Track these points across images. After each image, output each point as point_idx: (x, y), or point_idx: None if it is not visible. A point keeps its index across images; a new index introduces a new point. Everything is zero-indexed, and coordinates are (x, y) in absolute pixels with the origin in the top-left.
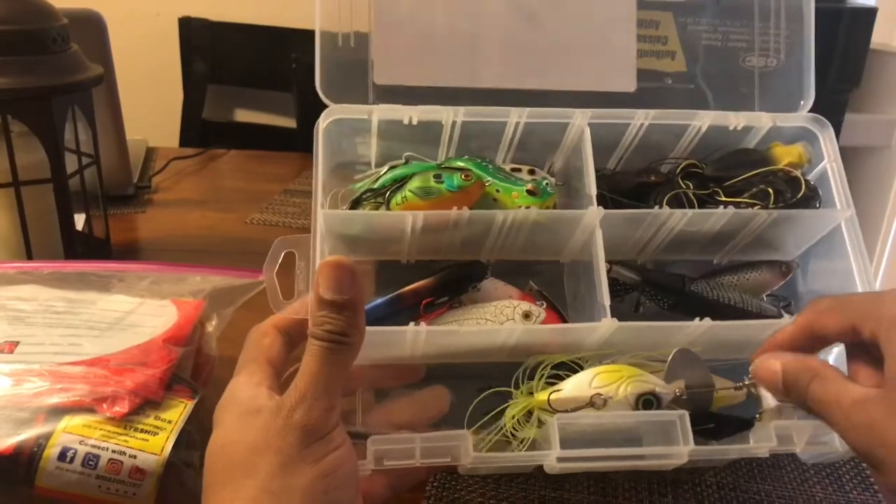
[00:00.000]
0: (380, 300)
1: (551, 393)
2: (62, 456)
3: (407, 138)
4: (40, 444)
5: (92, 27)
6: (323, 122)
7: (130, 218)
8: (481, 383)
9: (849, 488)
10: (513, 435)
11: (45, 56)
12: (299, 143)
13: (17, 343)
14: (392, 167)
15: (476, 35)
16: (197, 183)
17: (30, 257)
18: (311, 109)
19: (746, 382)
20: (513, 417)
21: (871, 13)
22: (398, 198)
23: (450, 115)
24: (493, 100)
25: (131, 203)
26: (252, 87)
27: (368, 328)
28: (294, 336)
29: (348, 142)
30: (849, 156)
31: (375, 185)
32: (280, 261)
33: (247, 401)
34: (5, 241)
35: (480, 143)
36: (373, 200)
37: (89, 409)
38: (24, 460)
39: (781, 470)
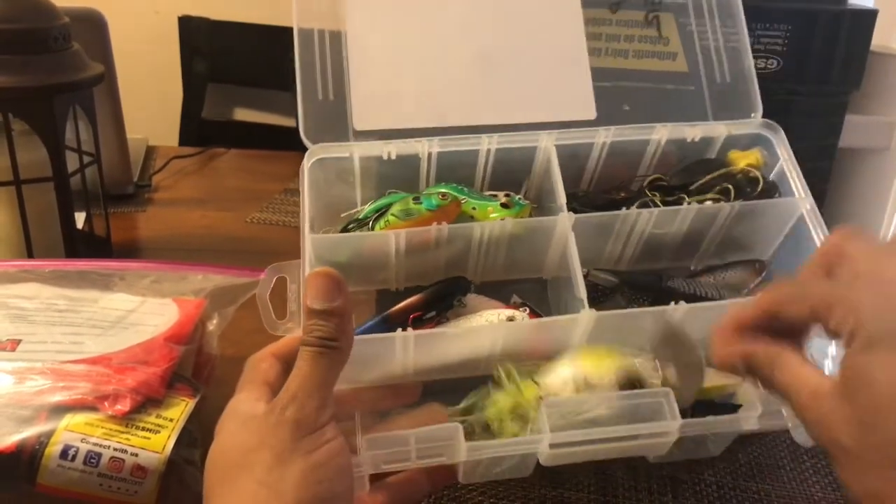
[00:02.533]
0: (370, 322)
1: (538, 376)
2: (64, 454)
3: (388, 177)
4: (42, 441)
5: (93, 26)
6: (307, 163)
7: (131, 217)
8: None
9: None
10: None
11: (47, 55)
12: (299, 142)
13: (20, 341)
14: (375, 200)
15: (444, 80)
16: (197, 182)
17: (31, 255)
18: None
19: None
20: (499, 413)
21: (871, 15)
22: (381, 223)
23: (425, 147)
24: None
25: (131, 202)
26: (252, 85)
27: (358, 337)
28: (291, 362)
29: (333, 185)
30: (849, 157)
31: (360, 217)
32: (272, 285)
33: (244, 412)
34: (6, 240)
35: (457, 175)
36: (358, 230)
37: (91, 408)
38: (26, 458)
39: (780, 469)
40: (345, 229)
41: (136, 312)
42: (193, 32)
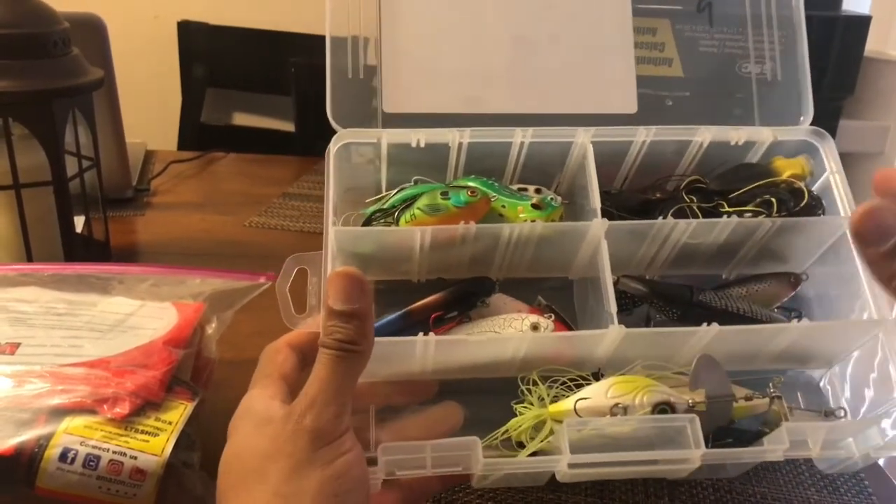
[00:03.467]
0: (390, 316)
1: (577, 401)
2: (63, 457)
3: (415, 164)
4: (41, 444)
5: (92, 31)
6: (333, 147)
7: (130, 221)
8: (492, 398)
9: (843, 491)
10: (522, 446)
11: (47, 59)
12: (298, 146)
13: (19, 344)
14: (401, 189)
15: (480, 64)
16: (196, 186)
17: (30, 259)
18: (309, 113)
19: (771, 393)
20: (524, 428)
21: (864, 21)
22: (407, 216)
23: (456, 137)
24: (498, 125)
25: (131, 206)
26: (251, 90)
27: (379, 339)
28: (307, 354)
29: (359, 167)
30: (843, 162)
31: (385, 206)
32: (292, 277)
33: (260, 412)
34: (6, 243)
35: (487, 166)
36: (383, 220)
37: (90, 411)
38: (24, 461)
39: (777, 472)
40: (369, 218)
41: (135, 316)
42: (192, 37)
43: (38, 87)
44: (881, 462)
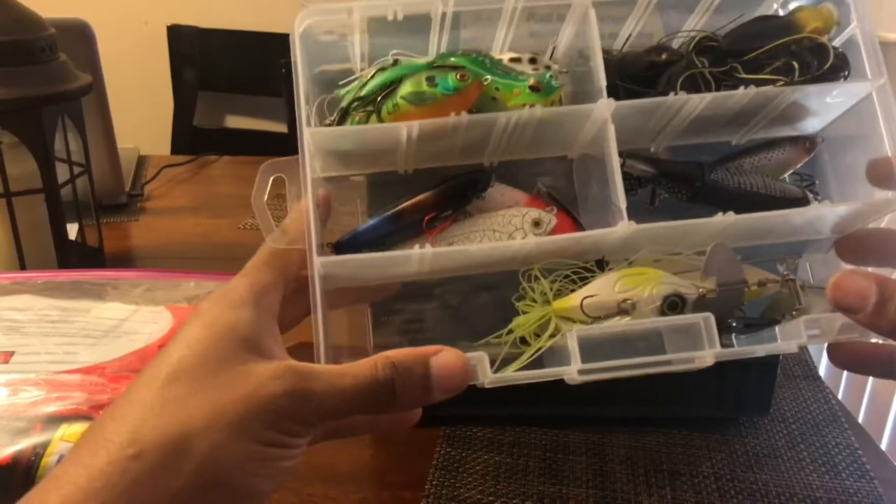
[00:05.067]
0: (379, 218)
1: (584, 298)
2: None
3: (394, 32)
4: (38, 453)
5: (80, 36)
6: (298, 28)
7: (123, 226)
8: (493, 293)
9: (845, 476)
10: (525, 343)
11: (34, 66)
12: (290, 147)
13: (13, 353)
14: (380, 69)
15: None
16: (189, 190)
17: (23, 267)
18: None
19: (785, 276)
20: (529, 327)
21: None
22: (389, 105)
23: (438, 7)
24: None
25: (124, 211)
26: (242, 92)
27: (371, 254)
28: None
29: (329, 49)
30: None
31: (363, 93)
32: (269, 187)
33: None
34: None
35: (474, 32)
36: (362, 110)
37: (86, 417)
38: (21, 470)
39: (778, 459)
40: (346, 108)
41: (130, 321)
42: (183, 41)
43: (26, 94)
44: (882, 445)
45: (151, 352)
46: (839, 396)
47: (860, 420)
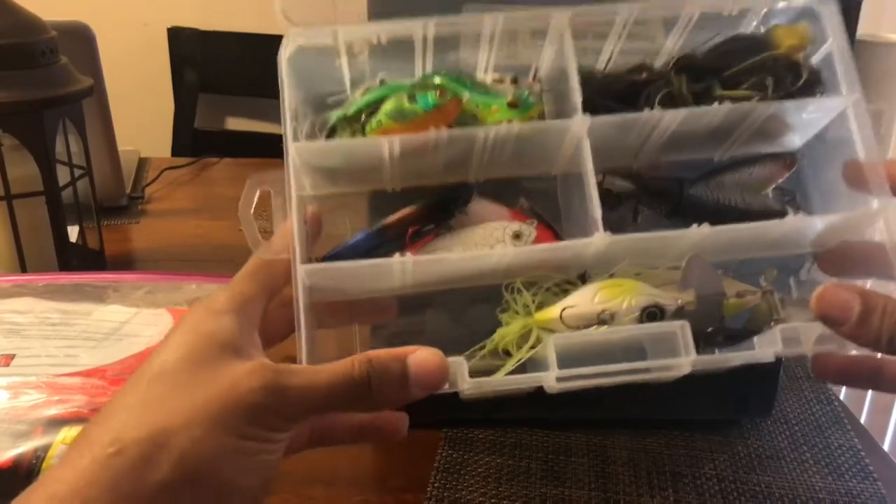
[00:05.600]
0: (365, 233)
1: (564, 309)
2: None
3: (380, 55)
4: (39, 456)
5: (80, 39)
6: (285, 51)
7: (124, 229)
8: (476, 306)
9: (848, 477)
10: (508, 354)
11: (35, 69)
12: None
13: (14, 356)
14: (366, 91)
15: None
16: (190, 192)
17: (24, 270)
18: None
19: (763, 288)
20: (511, 338)
21: (855, 5)
22: (373, 122)
23: (419, 30)
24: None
25: (125, 214)
26: (243, 94)
27: (352, 262)
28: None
29: (316, 72)
30: None
31: (349, 113)
32: (256, 201)
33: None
34: None
35: (459, 55)
36: (348, 128)
37: (87, 420)
38: (22, 473)
39: (780, 461)
40: (333, 127)
41: (130, 324)
42: (183, 43)
43: (27, 98)
44: (886, 446)
45: None
46: (842, 398)
47: (863, 421)
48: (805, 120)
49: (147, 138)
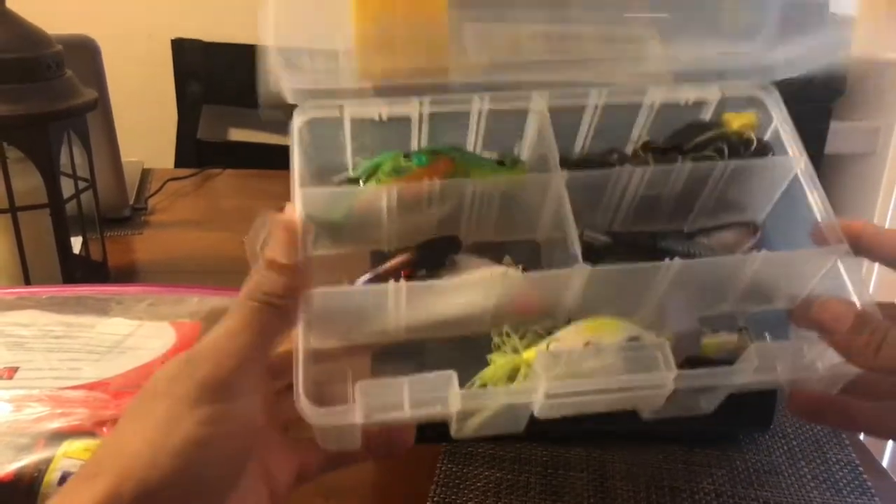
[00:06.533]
0: (362, 281)
1: (550, 343)
2: (63, 481)
3: (380, 139)
4: (41, 469)
5: (86, 52)
6: (297, 122)
7: (127, 240)
8: (468, 357)
9: (846, 493)
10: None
11: (41, 82)
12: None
13: (17, 368)
14: (368, 159)
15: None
16: (193, 203)
17: (28, 282)
18: None
19: (738, 325)
20: (498, 377)
21: (850, 23)
22: (372, 181)
23: (416, 108)
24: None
25: (128, 225)
26: (246, 106)
27: (349, 288)
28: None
29: (323, 147)
30: (834, 163)
31: (353, 175)
32: (262, 240)
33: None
34: (3, 267)
35: (451, 138)
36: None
37: (90, 434)
38: (24, 486)
39: (778, 476)
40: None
41: (133, 336)
42: (187, 55)
43: (33, 111)
44: (884, 462)
45: (155, 367)
46: None
47: (861, 436)
48: (761, 185)
49: (150, 149)
